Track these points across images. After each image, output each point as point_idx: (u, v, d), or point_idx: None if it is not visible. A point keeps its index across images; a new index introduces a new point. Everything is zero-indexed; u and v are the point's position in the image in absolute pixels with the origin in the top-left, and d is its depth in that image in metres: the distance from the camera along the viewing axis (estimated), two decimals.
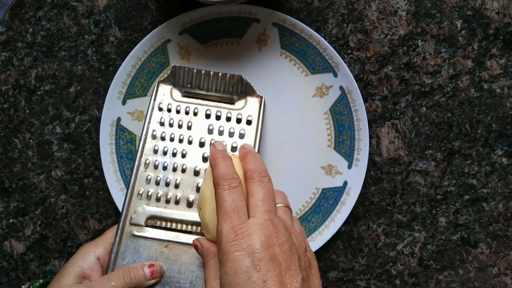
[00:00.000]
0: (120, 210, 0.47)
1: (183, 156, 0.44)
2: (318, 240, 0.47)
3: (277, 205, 0.36)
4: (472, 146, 0.49)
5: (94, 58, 0.50)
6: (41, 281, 0.47)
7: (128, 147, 0.48)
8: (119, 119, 0.48)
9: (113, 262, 0.41)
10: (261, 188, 0.34)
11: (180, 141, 0.44)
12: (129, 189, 0.42)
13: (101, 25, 0.49)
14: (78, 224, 0.50)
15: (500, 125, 0.48)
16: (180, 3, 0.49)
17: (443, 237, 0.49)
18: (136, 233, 0.41)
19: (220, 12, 0.47)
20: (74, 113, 0.50)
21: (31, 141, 0.50)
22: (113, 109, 0.48)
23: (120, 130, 0.48)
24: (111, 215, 0.50)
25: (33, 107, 0.50)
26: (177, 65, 0.45)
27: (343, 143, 0.48)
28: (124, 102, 0.48)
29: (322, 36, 0.47)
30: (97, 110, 0.50)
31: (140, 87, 0.48)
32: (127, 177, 0.48)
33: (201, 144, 0.44)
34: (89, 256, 0.40)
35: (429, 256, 0.49)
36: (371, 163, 0.49)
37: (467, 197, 0.49)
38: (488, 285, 0.49)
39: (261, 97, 0.45)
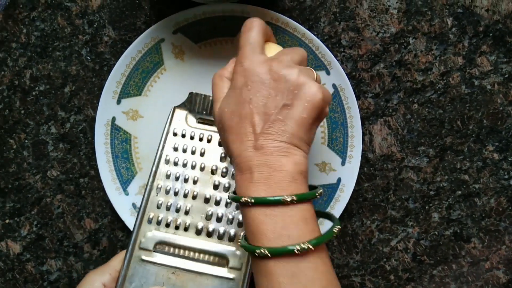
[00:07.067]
0: (116, 209, 0.48)
1: (195, 182, 0.43)
2: None
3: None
4: (464, 142, 0.49)
5: (89, 58, 0.50)
6: None
7: (123, 146, 0.49)
8: (114, 119, 0.48)
9: (120, 285, 0.41)
10: (289, 49, 0.37)
11: (193, 167, 0.44)
12: (140, 213, 0.42)
13: (95, 25, 0.50)
14: (74, 224, 0.51)
15: (491, 121, 0.49)
16: (173, 3, 0.49)
17: (436, 233, 0.50)
18: (145, 258, 0.41)
19: (213, 11, 0.47)
20: (69, 113, 0.50)
21: (26, 141, 0.50)
22: (108, 109, 0.48)
23: (115, 129, 0.48)
24: (107, 214, 0.50)
25: (28, 108, 0.50)
26: (194, 91, 0.45)
27: (337, 140, 0.48)
28: (118, 102, 0.48)
29: (315, 35, 0.47)
30: (92, 110, 0.50)
31: (134, 86, 0.48)
32: (122, 176, 0.48)
33: (213, 171, 0.44)
34: (95, 283, 0.40)
35: (423, 251, 0.50)
36: (364, 160, 0.49)
37: (459, 192, 0.49)
38: (481, 280, 0.50)
39: None
